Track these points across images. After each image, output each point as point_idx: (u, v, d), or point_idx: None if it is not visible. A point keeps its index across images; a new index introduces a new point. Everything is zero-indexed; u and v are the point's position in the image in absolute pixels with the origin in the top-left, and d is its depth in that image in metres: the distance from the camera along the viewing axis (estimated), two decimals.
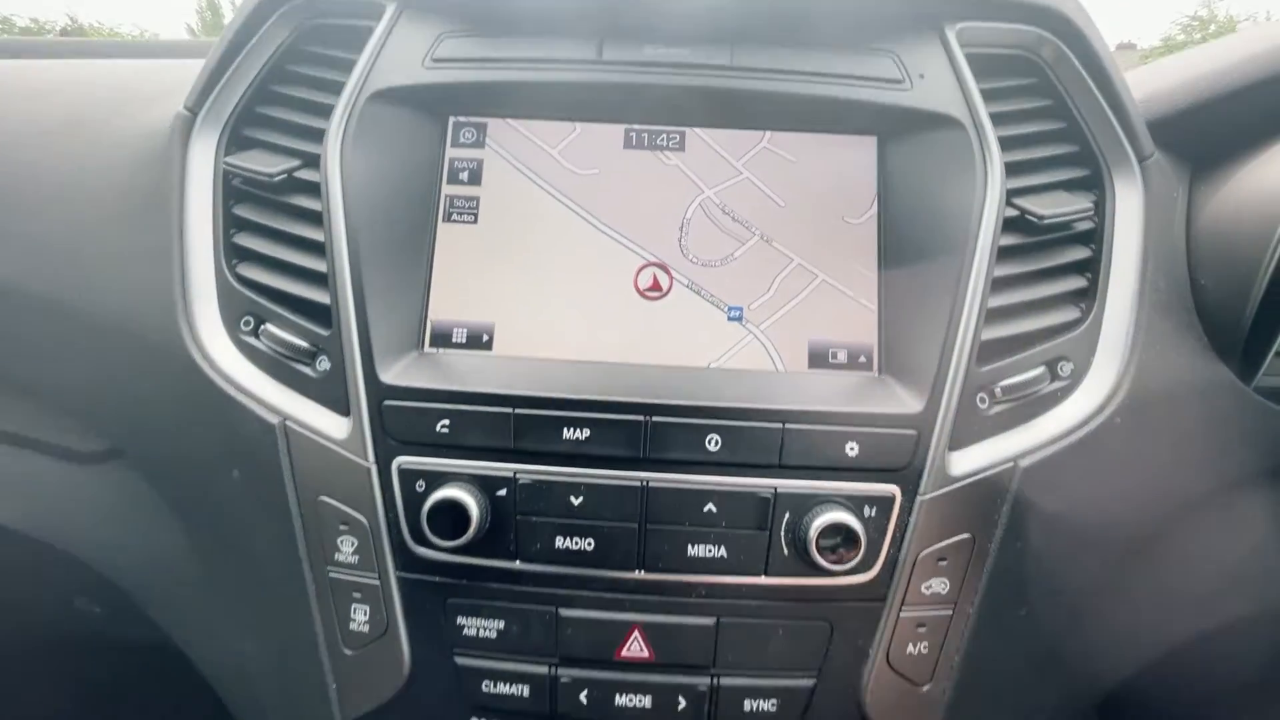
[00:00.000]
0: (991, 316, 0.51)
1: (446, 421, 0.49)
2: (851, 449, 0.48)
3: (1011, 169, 0.53)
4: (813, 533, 0.46)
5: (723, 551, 0.48)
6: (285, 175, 0.53)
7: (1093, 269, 0.54)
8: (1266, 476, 0.57)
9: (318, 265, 0.52)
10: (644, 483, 0.49)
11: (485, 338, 0.54)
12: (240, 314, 0.53)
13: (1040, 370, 0.52)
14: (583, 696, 0.49)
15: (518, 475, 0.48)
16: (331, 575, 0.50)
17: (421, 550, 0.49)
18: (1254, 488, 0.57)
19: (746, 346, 0.55)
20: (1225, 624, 0.59)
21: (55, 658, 0.83)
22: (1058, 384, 0.52)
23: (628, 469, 0.49)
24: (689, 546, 0.48)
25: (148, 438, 0.56)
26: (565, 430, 0.48)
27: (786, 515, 0.48)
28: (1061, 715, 0.56)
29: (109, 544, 0.61)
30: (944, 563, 0.49)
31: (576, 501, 0.48)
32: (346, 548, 0.50)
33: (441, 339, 0.55)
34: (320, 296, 0.51)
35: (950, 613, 0.49)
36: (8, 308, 0.58)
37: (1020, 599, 0.50)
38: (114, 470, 0.60)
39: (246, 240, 0.54)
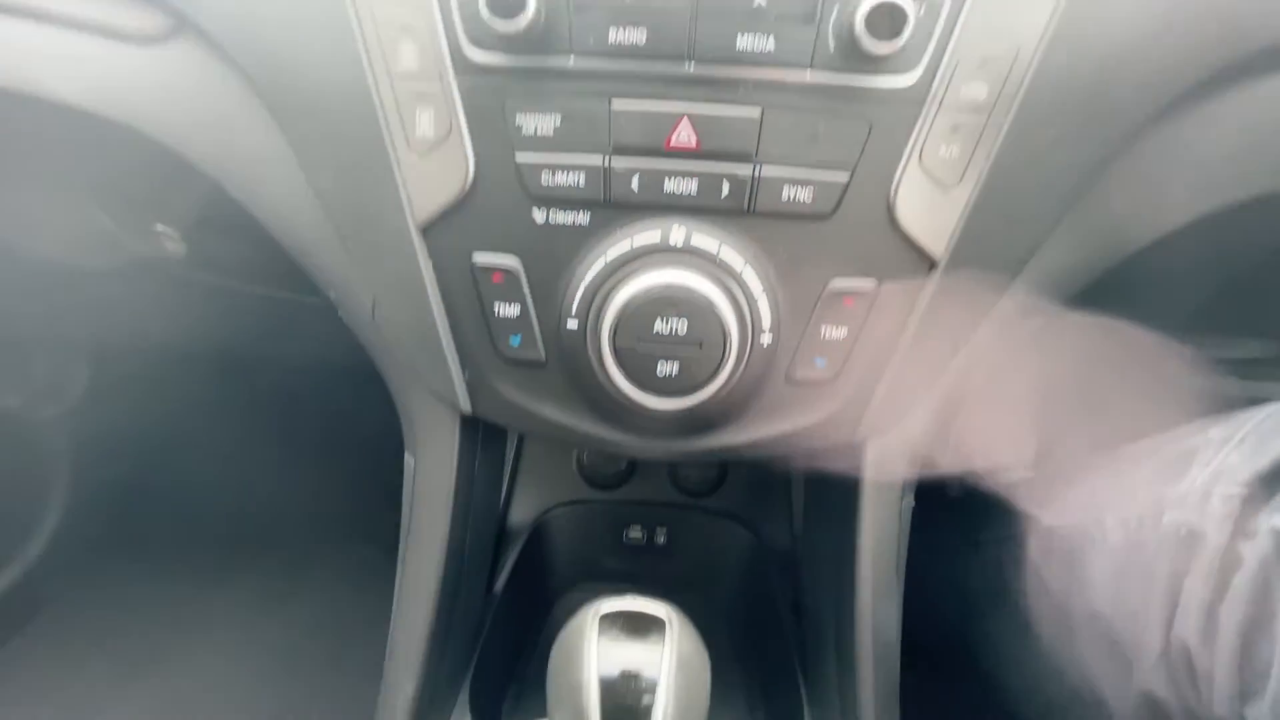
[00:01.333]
0: None
1: None
2: None
3: None
4: (860, 15, 0.47)
5: (770, 44, 0.50)
6: None
7: None
8: None
9: None
10: None
11: None
12: None
13: None
14: (634, 183, 0.53)
15: None
16: (395, 85, 0.53)
17: (477, 54, 0.51)
18: None
19: None
20: (1249, 200, 0.60)
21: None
22: None
23: None
24: (739, 36, 0.50)
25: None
26: None
27: (835, 10, 0.49)
28: (1068, 260, 0.59)
29: (185, 124, 0.64)
30: (985, 68, 0.50)
31: None
32: (407, 55, 0.52)
33: None
34: None
35: (985, 120, 0.51)
36: None
37: (1053, 119, 0.52)
38: (178, 47, 0.62)
39: None
